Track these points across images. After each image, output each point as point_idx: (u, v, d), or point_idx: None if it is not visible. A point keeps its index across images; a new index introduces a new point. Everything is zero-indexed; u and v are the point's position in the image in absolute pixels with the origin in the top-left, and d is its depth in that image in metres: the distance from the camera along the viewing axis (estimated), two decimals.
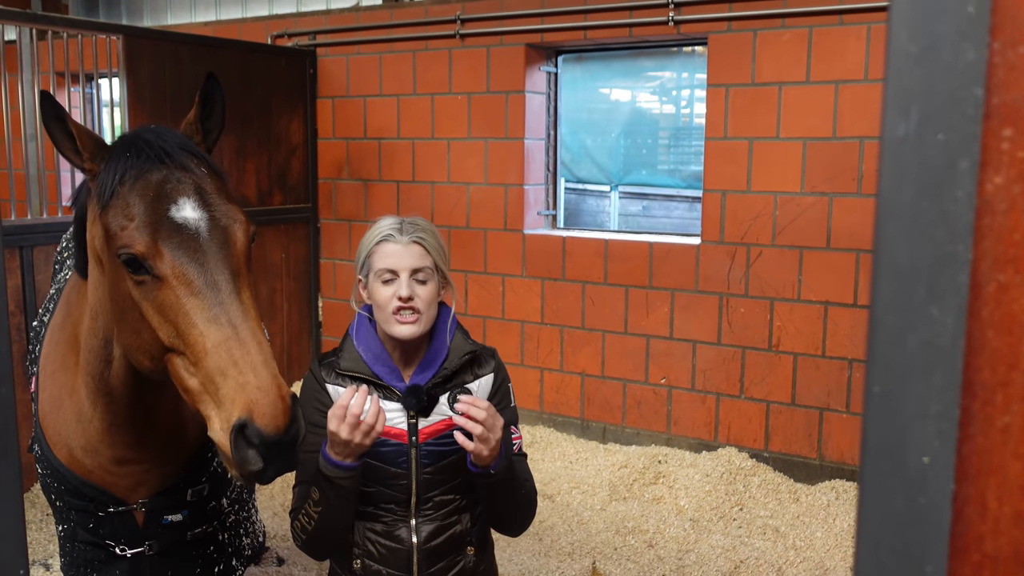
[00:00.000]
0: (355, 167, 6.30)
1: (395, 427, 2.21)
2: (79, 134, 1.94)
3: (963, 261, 0.56)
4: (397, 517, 2.24)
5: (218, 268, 1.83)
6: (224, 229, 1.89)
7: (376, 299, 2.21)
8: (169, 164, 1.92)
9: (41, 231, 4.59)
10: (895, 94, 0.56)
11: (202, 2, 7.47)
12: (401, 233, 2.21)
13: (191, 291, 1.80)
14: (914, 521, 0.58)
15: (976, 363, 0.57)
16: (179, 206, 1.87)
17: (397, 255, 2.19)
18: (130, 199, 1.87)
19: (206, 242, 1.85)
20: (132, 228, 1.84)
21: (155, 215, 1.85)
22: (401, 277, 2.17)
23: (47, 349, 2.38)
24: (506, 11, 5.58)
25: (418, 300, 2.17)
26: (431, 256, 2.22)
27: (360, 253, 2.28)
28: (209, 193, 1.92)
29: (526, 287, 5.69)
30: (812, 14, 4.66)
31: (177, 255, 1.82)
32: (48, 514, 4.45)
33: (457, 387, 2.24)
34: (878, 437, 0.58)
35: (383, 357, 2.24)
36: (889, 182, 0.57)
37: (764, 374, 5.00)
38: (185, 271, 1.81)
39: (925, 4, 0.55)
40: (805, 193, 4.78)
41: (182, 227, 1.85)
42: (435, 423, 2.21)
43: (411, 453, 2.20)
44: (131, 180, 1.89)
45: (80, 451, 2.24)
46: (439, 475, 2.22)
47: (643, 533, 4.31)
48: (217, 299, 1.79)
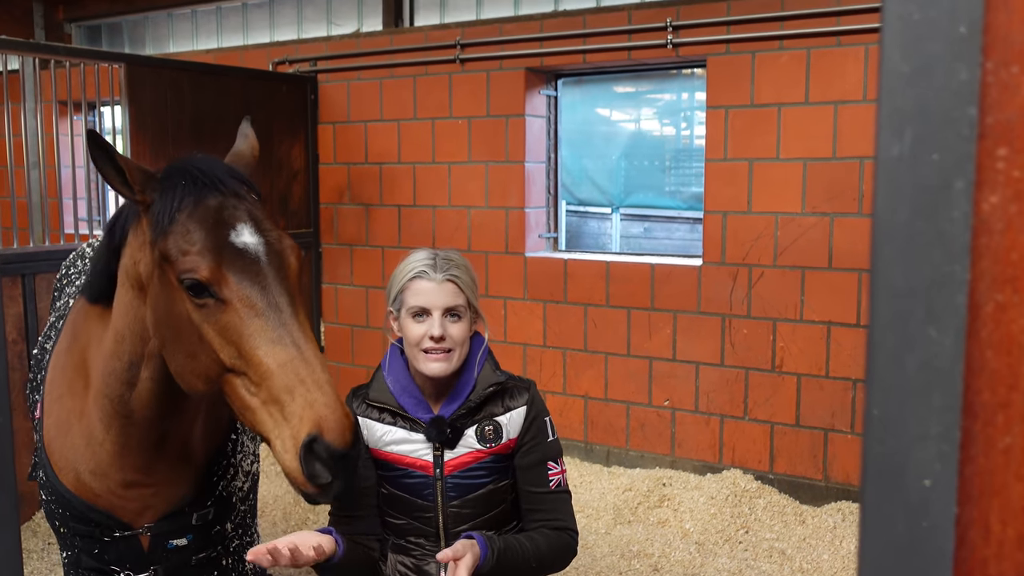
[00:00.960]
0: (356, 192, 6.31)
1: (421, 459, 2.20)
2: (127, 168, 1.99)
3: (960, 281, 0.55)
4: (427, 552, 2.22)
5: (278, 291, 1.89)
6: (279, 254, 1.96)
7: (408, 336, 2.19)
8: (224, 191, 1.98)
9: (43, 259, 4.60)
10: (889, 115, 0.56)
11: (204, 30, 7.54)
12: (435, 270, 2.19)
13: (255, 313, 1.85)
14: (916, 545, 0.57)
15: (976, 384, 0.56)
16: (238, 232, 1.93)
17: (431, 293, 2.17)
18: (190, 226, 1.92)
19: (266, 266, 1.91)
20: (195, 254, 1.89)
21: (217, 241, 1.90)
22: (434, 316, 2.16)
23: (52, 375, 2.38)
24: (505, 35, 5.61)
25: (450, 339, 2.16)
26: (464, 294, 2.20)
27: (392, 287, 2.26)
28: (261, 219, 1.99)
29: (528, 310, 5.69)
30: (810, 36, 4.68)
31: (240, 279, 1.87)
32: (50, 543, 4.43)
33: (485, 419, 2.22)
34: (878, 460, 0.58)
35: (410, 389, 2.23)
36: (884, 203, 0.56)
37: (768, 395, 4.98)
38: (249, 294, 1.86)
39: (917, 25, 0.55)
40: (806, 213, 4.78)
41: (243, 252, 1.90)
42: (461, 455, 2.19)
43: (436, 486, 2.19)
44: (190, 207, 1.94)
45: (88, 475, 2.24)
46: (467, 508, 2.19)
47: (648, 557, 4.28)
48: (280, 320, 1.85)
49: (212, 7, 7.41)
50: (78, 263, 3.13)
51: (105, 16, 7.96)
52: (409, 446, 2.22)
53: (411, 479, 2.20)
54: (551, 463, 2.27)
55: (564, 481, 2.30)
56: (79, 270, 3.07)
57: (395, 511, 2.22)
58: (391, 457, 2.23)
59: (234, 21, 7.35)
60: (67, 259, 3.26)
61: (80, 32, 8.31)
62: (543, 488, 2.26)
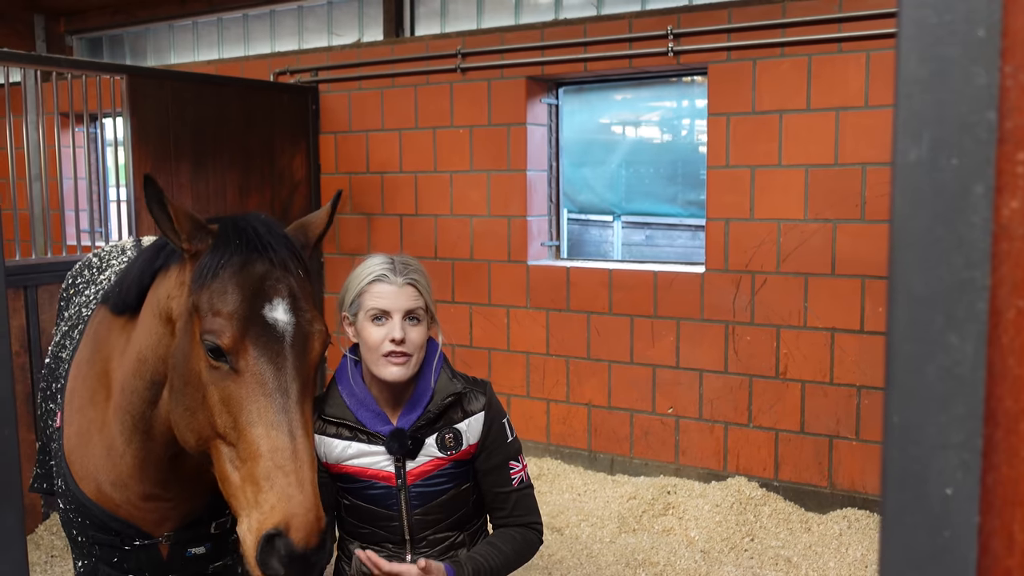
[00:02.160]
0: (358, 201, 6.31)
1: (383, 470, 2.20)
2: (176, 215, 1.97)
3: (981, 287, 0.54)
4: (392, 554, 2.23)
5: (292, 375, 1.86)
6: (306, 336, 1.92)
7: (366, 339, 2.18)
8: (274, 260, 1.95)
9: (45, 270, 4.60)
10: (906, 119, 0.56)
11: (205, 41, 7.55)
12: (395, 273, 2.19)
13: (263, 392, 1.83)
14: (939, 555, 0.56)
15: (998, 391, 0.56)
16: (273, 306, 1.90)
17: (391, 296, 2.17)
18: (229, 287, 1.90)
19: (288, 347, 1.88)
20: (223, 317, 1.87)
21: (250, 311, 1.88)
22: (395, 319, 2.15)
23: (73, 384, 2.39)
24: (506, 44, 5.62)
25: (409, 343, 2.15)
26: (423, 298, 2.21)
27: (348, 291, 2.26)
28: (300, 298, 1.95)
29: (531, 318, 5.68)
30: (811, 42, 4.68)
31: (260, 355, 1.85)
32: (53, 555, 4.41)
33: (445, 427, 2.22)
34: (899, 468, 0.57)
35: (367, 401, 2.22)
36: (903, 208, 0.56)
37: (772, 402, 4.97)
38: (263, 372, 1.85)
39: (934, 28, 0.54)
40: (808, 220, 4.77)
41: (270, 328, 1.88)
42: (422, 464, 2.19)
43: (400, 495, 2.19)
44: (234, 267, 1.92)
45: (109, 485, 2.25)
46: (430, 515, 2.21)
47: (653, 565, 4.26)
48: (284, 405, 1.83)
49: (213, 18, 7.42)
50: (85, 272, 3.13)
51: (106, 28, 7.98)
52: (369, 459, 2.21)
53: (374, 490, 2.20)
54: (512, 462, 2.29)
55: (526, 476, 2.33)
56: (87, 279, 3.06)
57: (359, 521, 2.23)
58: (352, 470, 2.22)
59: (235, 32, 7.36)
60: (73, 269, 3.26)
61: (81, 44, 8.32)
62: (507, 487, 2.29)
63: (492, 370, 5.78)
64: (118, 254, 3.12)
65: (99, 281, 2.93)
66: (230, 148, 5.76)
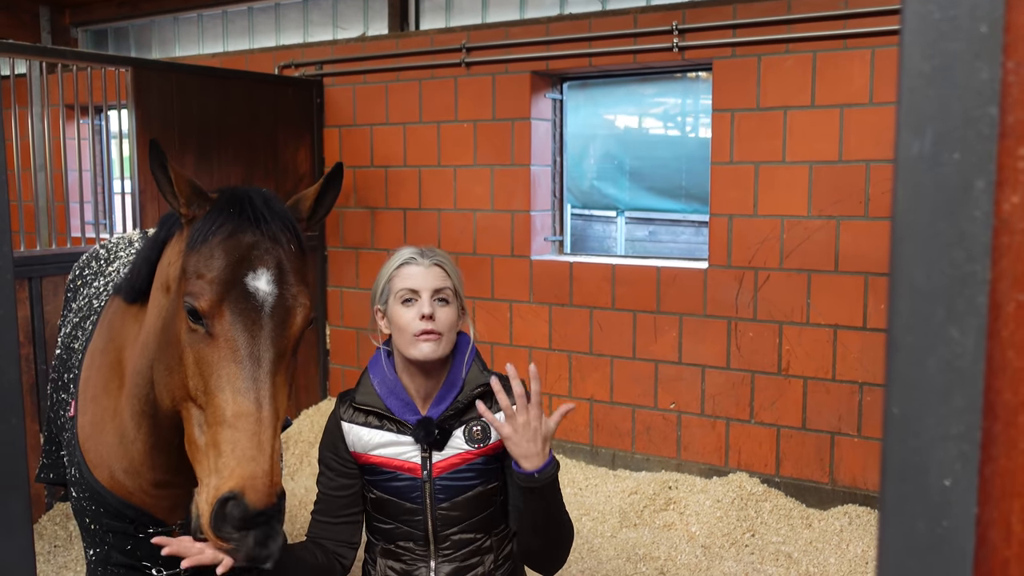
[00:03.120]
0: (362, 195, 6.32)
1: (409, 461, 2.18)
2: (176, 179, 2.01)
3: (982, 281, 0.55)
4: (417, 557, 2.21)
5: (267, 345, 1.87)
6: (288, 310, 1.93)
7: (397, 322, 2.19)
8: (264, 231, 1.97)
9: (50, 262, 4.61)
10: (909, 114, 0.56)
11: (210, 34, 7.55)
12: (422, 256, 2.23)
13: (234, 358, 1.85)
14: (936, 545, 0.57)
15: (997, 384, 0.56)
16: (256, 275, 1.92)
17: (419, 276, 2.19)
18: (216, 252, 1.93)
19: (266, 317, 1.90)
20: (205, 281, 1.90)
21: (231, 277, 1.90)
22: (423, 297, 2.17)
23: (87, 374, 2.42)
24: (511, 39, 5.62)
25: (439, 321, 2.17)
26: (451, 279, 2.23)
27: (379, 281, 2.27)
28: (288, 271, 1.97)
29: (534, 313, 5.69)
30: (816, 39, 4.68)
31: (235, 321, 1.88)
32: (56, 546, 4.43)
33: (474, 420, 2.20)
34: (898, 460, 0.57)
35: (397, 391, 2.22)
36: (904, 203, 0.56)
37: (774, 398, 4.97)
38: (236, 338, 1.87)
39: (938, 24, 0.55)
40: (812, 217, 4.77)
41: (251, 296, 1.90)
42: (449, 457, 2.18)
43: (425, 488, 2.17)
44: (224, 234, 1.95)
45: (122, 473, 2.28)
46: (455, 511, 2.18)
47: (654, 560, 4.27)
48: (254, 374, 1.84)
49: (218, 11, 7.42)
50: (93, 264, 3.15)
51: (111, 20, 7.98)
52: (396, 448, 2.20)
53: (399, 482, 2.19)
54: None
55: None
56: (94, 271, 3.09)
57: (383, 515, 2.22)
58: (378, 460, 2.22)
59: (240, 25, 7.36)
60: (80, 260, 3.28)
61: (86, 36, 8.33)
62: None
63: (495, 364, 5.79)
64: (125, 246, 3.15)
65: (107, 272, 2.95)
66: (234, 141, 5.77)
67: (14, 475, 0.92)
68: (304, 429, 6.01)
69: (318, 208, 2.18)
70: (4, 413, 0.83)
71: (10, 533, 0.87)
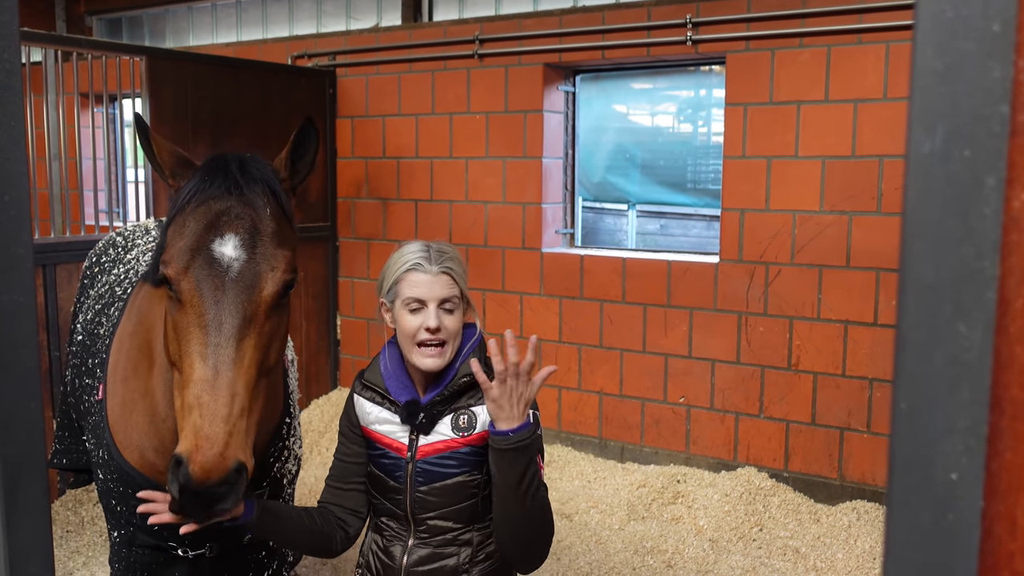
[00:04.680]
0: (374, 186, 6.33)
1: (397, 440, 2.24)
2: (158, 150, 2.05)
3: (990, 277, 0.56)
4: (395, 534, 2.27)
5: (231, 310, 1.89)
6: (257, 274, 1.95)
7: (402, 327, 2.21)
8: (237, 196, 1.99)
9: (64, 249, 4.64)
10: (921, 111, 0.57)
11: (224, 23, 7.57)
12: (430, 262, 2.20)
13: (199, 323, 1.88)
14: (942, 538, 0.58)
15: (1004, 379, 0.57)
16: (223, 241, 1.94)
17: (426, 285, 2.19)
18: (188, 221, 1.97)
19: (232, 282, 1.91)
20: (175, 249, 1.94)
21: (199, 243, 1.93)
22: (430, 308, 2.18)
23: (116, 357, 2.46)
24: (524, 31, 5.61)
25: (445, 331, 2.18)
26: (458, 285, 2.23)
27: (385, 278, 2.27)
28: (262, 235, 1.98)
29: (544, 305, 5.70)
30: (830, 33, 4.66)
31: (200, 287, 1.90)
32: (68, 531, 4.47)
33: (462, 409, 2.22)
34: (906, 453, 0.58)
35: (399, 374, 2.27)
36: (915, 199, 0.57)
37: (783, 393, 4.97)
38: (199, 303, 1.89)
39: (950, 22, 0.55)
40: (824, 212, 4.76)
41: (216, 261, 1.92)
42: (434, 442, 2.21)
43: (407, 468, 2.22)
44: (196, 203, 1.98)
45: (152, 452, 2.31)
46: (433, 496, 2.20)
47: (662, 553, 4.28)
48: (215, 340, 1.86)
49: (232, 1, 7.44)
50: (110, 251, 3.18)
51: (126, 9, 8.01)
52: (389, 427, 2.26)
53: (387, 459, 2.25)
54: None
55: (541, 477, 2.22)
56: (112, 258, 3.12)
57: (374, 489, 2.28)
58: (375, 436, 2.29)
59: (254, 15, 7.38)
60: (96, 248, 3.30)
61: (101, 25, 8.36)
62: None
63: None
64: (143, 233, 3.18)
65: (126, 260, 2.98)
66: (247, 131, 5.79)
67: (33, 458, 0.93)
68: (315, 419, 6.03)
69: (297, 167, 2.17)
70: (24, 398, 0.85)
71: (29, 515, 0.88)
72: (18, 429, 0.82)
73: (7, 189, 0.74)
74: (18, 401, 0.81)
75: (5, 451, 0.81)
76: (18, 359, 0.80)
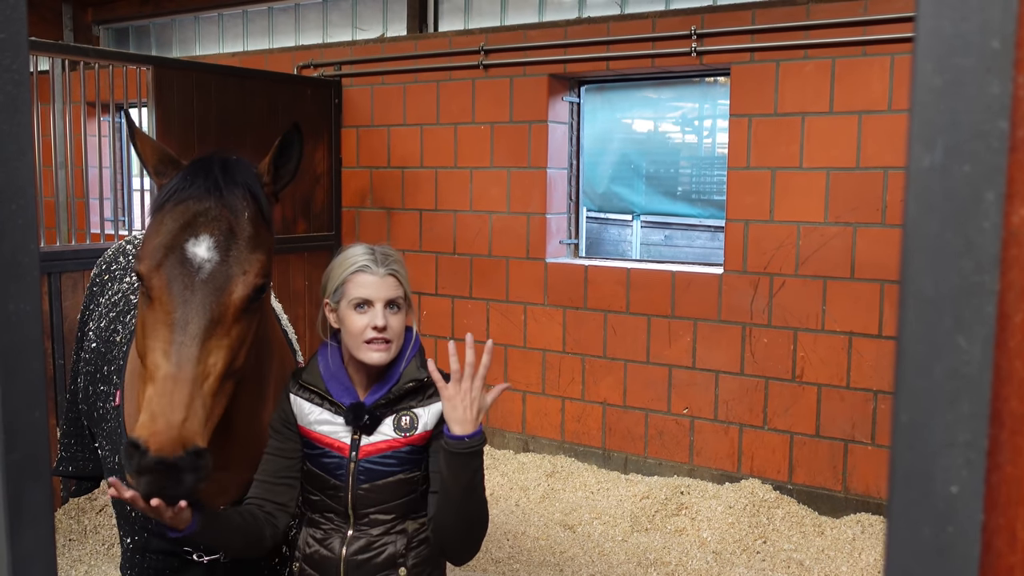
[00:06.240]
0: (378, 196, 6.35)
1: (339, 440, 2.29)
2: (141, 147, 2.09)
3: (990, 291, 0.56)
4: (334, 527, 2.33)
5: (198, 310, 1.91)
6: (228, 277, 1.97)
7: (349, 327, 2.27)
8: (216, 198, 2.01)
9: (69, 257, 4.66)
10: (920, 126, 0.57)
11: (230, 33, 7.60)
12: (377, 264, 2.27)
13: (164, 321, 1.90)
14: (943, 551, 0.58)
15: (1004, 392, 0.57)
16: (197, 242, 1.96)
17: (373, 286, 2.25)
18: (166, 219, 1.99)
19: (201, 283, 1.93)
20: (150, 246, 1.96)
21: (173, 241, 1.95)
22: (376, 307, 2.24)
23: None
24: (529, 42, 5.63)
25: (391, 330, 2.25)
26: (403, 287, 2.30)
27: (331, 279, 2.33)
28: (237, 238, 2.00)
29: (548, 316, 5.70)
30: (835, 45, 4.67)
31: (170, 286, 1.92)
32: (71, 539, 4.47)
33: (404, 410, 2.30)
34: (906, 466, 0.58)
35: (340, 376, 2.33)
36: (915, 213, 0.57)
37: (788, 405, 4.96)
38: (168, 301, 1.91)
39: (950, 38, 0.56)
40: (829, 223, 4.76)
41: (188, 261, 1.94)
42: (376, 442, 2.28)
43: (349, 467, 2.28)
44: (175, 202, 2.00)
45: None
46: (374, 493, 2.28)
47: (665, 565, 4.27)
48: (179, 339, 1.88)
49: (238, 11, 7.48)
50: (120, 259, 3.20)
51: (133, 19, 8.06)
52: (330, 427, 2.31)
53: (328, 459, 2.30)
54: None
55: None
56: (122, 267, 3.13)
57: (312, 487, 2.33)
58: (314, 436, 2.33)
59: (260, 25, 7.41)
60: (105, 256, 3.32)
61: (108, 34, 8.40)
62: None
63: (508, 367, 5.80)
64: None
65: None
66: (253, 140, 5.81)
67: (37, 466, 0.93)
68: None
69: (280, 172, 2.20)
70: (28, 406, 0.85)
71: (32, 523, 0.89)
72: (22, 437, 0.83)
73: (14, 198, 0.75)
74: (22, 409, 0.81)
75: (9, 458, 0.82)
76: (23, 367, 0.81)
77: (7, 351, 0.77)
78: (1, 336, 0.75)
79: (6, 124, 0.72)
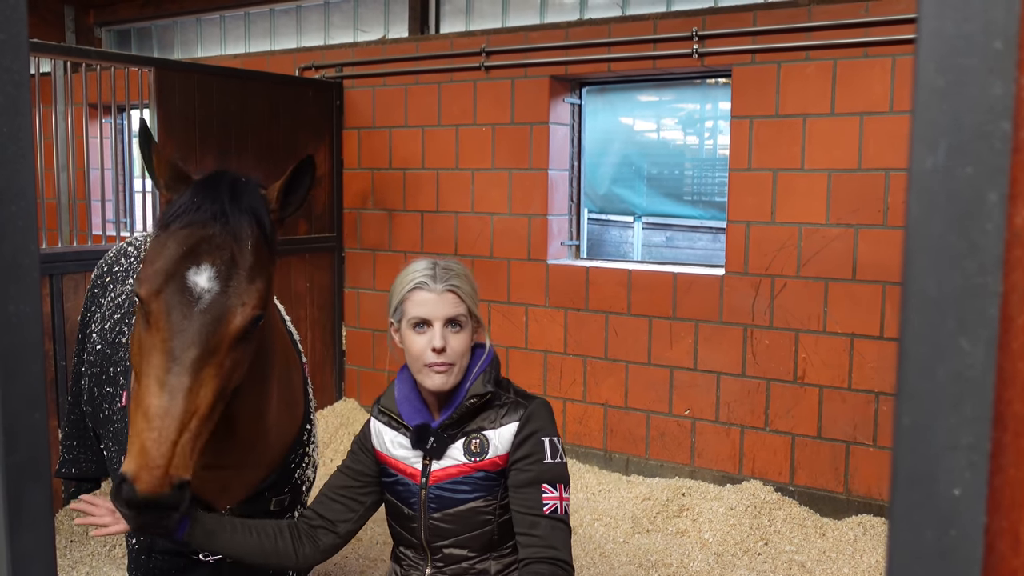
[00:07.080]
0: (380, 197, 6.35)
1: (411, 466, 2.20)
2: (157, 162, 2.06)
3: (993, 293, 0.56)
4: (412, 563, 2.23)
5: (192, 341, 1.88)
6: (227, 308, 1.94)
7: (409, 348, 2.16)
8: (222, 224, 1.98)
9: (71, 259, 4.66)
10: (923, 128, 0.57)
11: (232, 35, 7.61)
12: (435, 280, 2.15)
13: (160, 348, 1.88)
14: (945, 554, 0.58)
15: (1007, 395, 0.57)
16: (199, 271, 1.93)
17: (430, 304, 2.14)
18: (168, 241, 1.96)
19: (199, 313, 1.90)
20: (152, 269, 1.94)
21: (173, 269, 1.93)
22: (435, 327, 2.13)
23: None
24: (531, 43, 5.63)
25: (451, 351, 2.13)
26: (465, 303, 2.18)
27: (392, 297, 2.23)
28: (239, 268, 1.97)
29: (549, 317, 5.69)
30: (836, 47, 4.67)
31: (168, 313, 1.90)
32: (72, 540, 4.47)
33: (474, 433, 2.17)
34: (908, 469, 0.58)
35: (411, 397, 2.23)
36: (918, 215, 0.57)
37: (789, 406, 4.96)
38: (165, 329, 1.89)
39: (952, 39, 0.55)
40: (830, 225, 4.76)
41: (187, 290, 1.91)
42: (447, 467, 2.17)
43: (420, 495, 2.18)
44: (180, 225, 1.97)
45: None
46: (447, 523, 2.16)
47: (666, 567, 4.26)
48: (173, 368, 1.86)
49: (240, 12, 7.48)
50: (122, 261, 3.20)
51: (135, 20, 8.06)
52: (403, 452, 2.21)
53: (401, 486, 2.20)
54: (547, 486, 2.12)
55: (562, 509, 2.14)
56: (124, 268, 3.13)
57: (391, 517, 2.25)
58: (390, 461, 2.24)
59: (262, 26, 7.41)
60: (107, 257, 3.32)
61: (110, 36, 8.41)
62: (535, 511, 2.11)
63: (510, 368, 5.80)
64: None
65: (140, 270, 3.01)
66: (255, 142, 5.81)
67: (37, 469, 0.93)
68: (319, 430, 6.03)
69: (289, 199, 2.16)
70: (28, 408, 0.85)
71: (32, 525, 0.88)
72: (23, 438, 0.82)
73: (15, 200, 0.74)
74: (23, 410, 0.81)
75: (9, 460, 0.81)
76: (23, 368, 0.81)
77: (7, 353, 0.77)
78: (1, 338, 0.75)
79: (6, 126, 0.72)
